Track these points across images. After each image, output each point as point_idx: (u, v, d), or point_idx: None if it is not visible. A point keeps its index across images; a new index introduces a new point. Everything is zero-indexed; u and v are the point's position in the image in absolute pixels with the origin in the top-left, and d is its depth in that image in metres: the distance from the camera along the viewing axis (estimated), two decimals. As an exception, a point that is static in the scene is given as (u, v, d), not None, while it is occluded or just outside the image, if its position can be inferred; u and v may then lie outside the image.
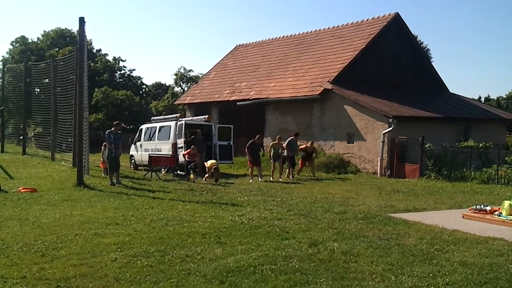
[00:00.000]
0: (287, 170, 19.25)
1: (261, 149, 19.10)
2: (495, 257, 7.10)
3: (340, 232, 8.65)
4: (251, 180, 18.00)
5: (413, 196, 14.36)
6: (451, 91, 28.66)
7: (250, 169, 18.71)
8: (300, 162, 20.07)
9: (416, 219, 10.12)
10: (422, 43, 46.28)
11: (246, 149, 18.83)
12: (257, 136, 19.04)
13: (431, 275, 6.19)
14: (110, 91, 48.59)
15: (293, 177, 19.00)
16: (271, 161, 19.11)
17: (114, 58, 59.80)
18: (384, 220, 10.03)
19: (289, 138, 19.44)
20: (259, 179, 18.23)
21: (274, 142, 19.54)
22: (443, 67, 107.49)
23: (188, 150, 18.45)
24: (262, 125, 26.44)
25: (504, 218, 9.96)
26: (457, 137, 21.96)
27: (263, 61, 30.29)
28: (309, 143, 20.40)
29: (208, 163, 17.75)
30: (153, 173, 18.51)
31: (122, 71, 61.29)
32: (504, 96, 79.40)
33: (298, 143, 20.18)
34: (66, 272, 6.17)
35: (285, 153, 19.05)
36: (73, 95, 19.54)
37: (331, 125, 23.01)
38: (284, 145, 19.18)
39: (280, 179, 18.56)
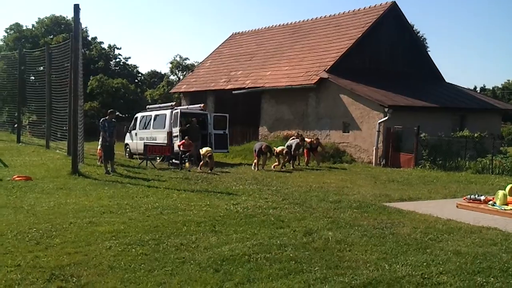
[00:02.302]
0: (284, 160, 19.14)
1: (269, 152, 18.90)
2: (488, 246, 7.13)
3: (334, 221, 8.66)
4: (256, 169, 17.98)
5: (407, 185, 14.40)
6: (447, 80, 28.67)
7: (256, 159, 18.42)
8: (305, 153, 20.15)
9: (410, 208, 10.16)
10: (418, 32, 46.24)
11: (254, 151, 18.71)
12: (264, 145, 18.67)
13: (425, 264, 6.21)
14: (105, 79, 48.43)
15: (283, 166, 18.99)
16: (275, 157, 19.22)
17: (109, 46, 59.55)
18: (379, 209, 10.07)
19: (296, 142, 19.27)
20: (262, 167, 18.28)
21: (282, 149, 19.12)
22: (440, 57, 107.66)
23: (182, 141, 18.37)
24: (257, 114, 26.41)
25: (498, 207, 10.02)
26: (453, 127, 22.00)
27: (259, 50, 30.19)
28: (314, 138, 20.55)
29: (203, 150, 17.69)
30: (148, 162, 18.47)
31: (117, 59, 61.08)
32: (500, 86, 79.76)
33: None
34: (60, 260, 6.15)
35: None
36: (68, 83, 19.41)
37: (327, 114, 22.99)
38: (290, 146, 19.22)
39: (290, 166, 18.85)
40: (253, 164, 18.54)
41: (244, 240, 7.21)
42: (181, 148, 18.32)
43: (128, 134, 23.40)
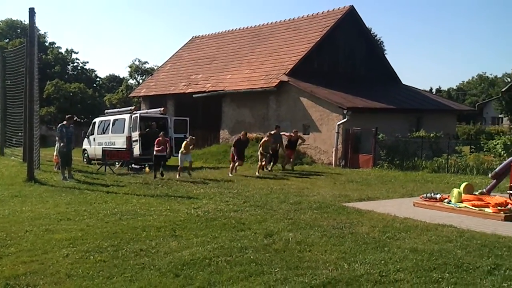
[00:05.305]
0: (271, 164, 18.85)
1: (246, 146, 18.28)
2: (444, 243, 7.32)
3: (295, 222, 8.73)
4: (231, 174, 17.18)
5: (366, 185, 14.64)
6: (403, 82, 29.32)
7: (232, 164, 17.75)
8: (287, 153, 19.39)
9: (369, 208, 10.33)
10: (376, 35, 47.12)
11: (232, 147, 18.19)
12: (242, 133, 18.19)
13: (382, 262, 6.33)
14: (62, 83, 47.49)
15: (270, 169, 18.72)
16: (259, 156, 18.25)
17: (67, 50, 58.45)
18: (338, 209, 10.19)
19: (272, 132, 18.93)
20: (233, 171, 17.54)
21: (265, 139, 18.30)
22: (396, 59, 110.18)
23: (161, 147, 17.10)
24: (218, 118, 26.38)
25: (453, 205, 10.30)
26: (409, 128, 22.49)
27: (219, 53, 30.15)
28: (293, 132, 19.60)
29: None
30: (107, 167, 18.18)
31: (75, 64, 59.98)
32: (455, 88, 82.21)
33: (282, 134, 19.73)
34: (16, 269, 6.01)
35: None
36: (23, 88, 18.94)
37: (287, 117, 23.13)
38: (266, 139, 18.32)
39: (267, 170, 18.42)
40: (230, 167, 17.77)
41: (205, 244, 7.19)
42: (155, 153, 17.27)
43: (86, 139, 22.99)
